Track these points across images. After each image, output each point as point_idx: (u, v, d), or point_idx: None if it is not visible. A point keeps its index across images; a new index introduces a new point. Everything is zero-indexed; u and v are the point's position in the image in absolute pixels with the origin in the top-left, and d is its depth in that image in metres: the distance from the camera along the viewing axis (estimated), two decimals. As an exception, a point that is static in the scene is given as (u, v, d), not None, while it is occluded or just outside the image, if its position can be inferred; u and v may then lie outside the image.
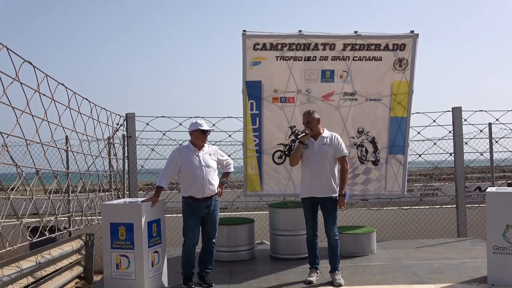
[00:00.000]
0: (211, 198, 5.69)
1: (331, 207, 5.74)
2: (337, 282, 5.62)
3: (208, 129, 5.73)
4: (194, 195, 5.61)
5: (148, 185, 15.20)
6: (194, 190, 5.61)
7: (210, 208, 5.68)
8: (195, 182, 5.59)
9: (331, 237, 5.74)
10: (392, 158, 7.52)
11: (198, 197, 5.61)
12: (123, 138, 8.79)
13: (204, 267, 5.81)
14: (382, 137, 7.46)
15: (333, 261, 5.77)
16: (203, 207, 5.63)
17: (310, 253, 5.90)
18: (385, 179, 7.58)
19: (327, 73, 7.29)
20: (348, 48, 7.23)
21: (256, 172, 7.38)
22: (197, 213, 5.64)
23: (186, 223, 5.69)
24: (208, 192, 5.64)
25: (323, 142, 5.79)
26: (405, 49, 7.24)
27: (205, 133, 5.71)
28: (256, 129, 7.30)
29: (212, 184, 5.68)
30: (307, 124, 5.83)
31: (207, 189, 5.62)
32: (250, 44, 7.10)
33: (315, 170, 5.73)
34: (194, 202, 5.63)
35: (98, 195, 8.09)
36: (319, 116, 5.91)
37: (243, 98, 7.27)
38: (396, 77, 7.32)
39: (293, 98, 7.31)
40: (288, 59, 7.20)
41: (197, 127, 5.67)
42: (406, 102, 7.36)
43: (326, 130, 5.95)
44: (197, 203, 5.62)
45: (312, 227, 5.83)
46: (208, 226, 5.75)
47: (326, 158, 5.75)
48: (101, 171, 8.29)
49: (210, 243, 5.80)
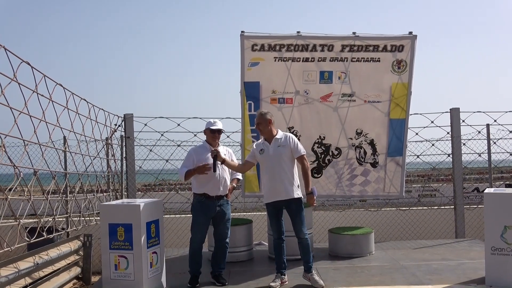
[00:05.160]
0: (223, 198, 5.76)
1: (295, 208, 5.63)
2: (318, 284, 5.50)
3: (216, 128, 5.73)
4: (209, 192, 5.67)
5: (146, 186, 15.19)
6: (209, 187, 5.67)
7: (221, 208, 5.74)
8: (210, 180, 5.64)
9: (302, 237, 5.64)
10: (391, 160, 7.56)
11: (212, 194, 5.67)
12: (121, 139, 8.81)
13: (217, 267, 5.86)
14: (381, 139, 7.49)
15: (306, 260, 5.67)
16: (215, 205, 5.69)
17: (276, 258, 5.77)
18: (384, 181, 7.62)
19: (325, 74, 7.32)
20: (347, 49, 7.27)
21: (254, 173, 7.40)
22: (208, 211, 5.69)
23: (195, 220, 5.74)
24: (222, 191, 5.72)
25: (278, 144, 5.63)
26: (403, 51, 7.29)
27: (214, 133, 5.74)
28: (254, 130, 7.29)
29: (226, 182, 5.77)
30: (257, 125, 5.74)
31: (222, 187, 5.71)
32: (248, 45, 7.13)
33: (273, 174, 5.58)
34: (207, 200, 5.68)
35: (96, 196, 8.09)
36: (272, 118, 5.74)
37: (241, 99, 7.30)
38: (394, 78, 7.36)
39: (291, 99, 7.34)
40: (287, 60, 7.23)
41: (208, 126, 5.77)
42: (404, 104, 7.40)
43: (280, 132, 5.78)
44: (210, 201, 5.68)
45: (278, 231, 5.71)
46: (221, 226, 5.80)
47: (282, 160, 5.59)
48: (99, 171, 8.30)
49: (224, 243, 5.84)
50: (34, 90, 5.45)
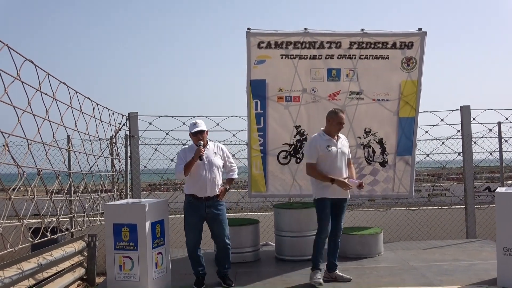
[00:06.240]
0: (213, 199, 5.63)
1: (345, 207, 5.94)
2: (346, 277, 5.84)
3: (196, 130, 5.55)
4: (197, 193, 5.58)
5: (151, 185, 15.19)
6: (197, 188, 5.58)
7: (212, 209, 5.61)
8: (198, 181, 5.56)
9: (340, 235, 5.91)
10: (400, 159, 7.50)
11: (200, 196, 5.58)
12: (126, 138, 8.79)
13: (221, 267, 5.81)
14: (390, 138, 7.44)
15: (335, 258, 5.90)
16: (204, 206, 5.58)
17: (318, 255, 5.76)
18: (393, 181, 7.56)
19: (333, 71, 7.27)
20: (355, 46, 7.21)
21: (261, 172, 7.37)
22: (198, 212, 5.60)
23: (186, 221, 5.67)
24: (210, 192, 5.59)
25: (342, 144, 5.84)
26: (412, 47, 7.22)
27: (196, 135, 5.57)
28: (261, 129, 7.29)
29: (215, 183, 5.62)
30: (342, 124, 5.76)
31: (210, 188, 5.58)
32: (254, 42, 7.09)
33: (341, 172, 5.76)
34: (196, 200, 5.60)
35: (100, 196, 8.09)
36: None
37: (248, 97, 7.26)
38: (403, 76, 7.30)
39: (298, 97, 7.29)
40: (293, 57, 7.19)
41: (189, 131, 5.65)
42: (414, 102, 7.34)
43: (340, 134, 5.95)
44: (199, 202, 5.59)
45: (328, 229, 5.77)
46: (215, 227, 5.69)
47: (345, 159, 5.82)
48: (104, 171, 8.30)
49: (223, 243, 5.72)
50: (37, 88, 5.43)
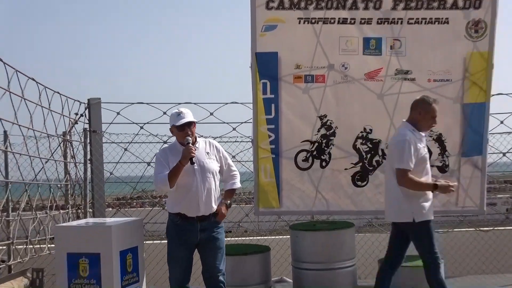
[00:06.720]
0: (209, 218, 5.58)
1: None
2: None
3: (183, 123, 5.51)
4: (185, 212, 5.52)
5: (119, 199, 15.18)
6: (185, 205, 5.51)
7: (207, 232, 5.57)
8: (187, 194, 5.48)
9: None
10: (467, 162, 7.47)
11: (191, 215, 5.51)
12: (85, 134, 8.76)
13: None
14: (453, 133, 7.39)
15: None
16: (197, 230, 5.52)
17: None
18: (457, 191, 7.53)
19: (371, 41, 7.28)
20: (401, 7, 7.20)
21: (272, 180, 7.39)
22: (188, 238, 5.56)
23: (171, 252, 5.63)
24: (205, 210, 5.52)
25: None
26: (481, 7, 7.20)
27: (183, 129, 5.51)
28: (272, 121, 7.31)
29: (211, 197, 5.56)
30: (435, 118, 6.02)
31: (204, 204, 5.51)
32: (261, 1, 7.10)
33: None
34: (184, 222, 5.54)
35: (49, 214, 8.12)
36: None
37: (253, 77, 7.28)
38: (469, 47, 7.29)
39: (323, 76, 7.31)
40: (316, 21, 7.20)
41: (172, 123, 5.57)
42: (484, 82, 7.31)
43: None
44: (189, 224, 5.52)
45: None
46: (208, 258, 5.59)
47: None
48: (54, 180, 8.31)
49: (216, 280, 5.60)
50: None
